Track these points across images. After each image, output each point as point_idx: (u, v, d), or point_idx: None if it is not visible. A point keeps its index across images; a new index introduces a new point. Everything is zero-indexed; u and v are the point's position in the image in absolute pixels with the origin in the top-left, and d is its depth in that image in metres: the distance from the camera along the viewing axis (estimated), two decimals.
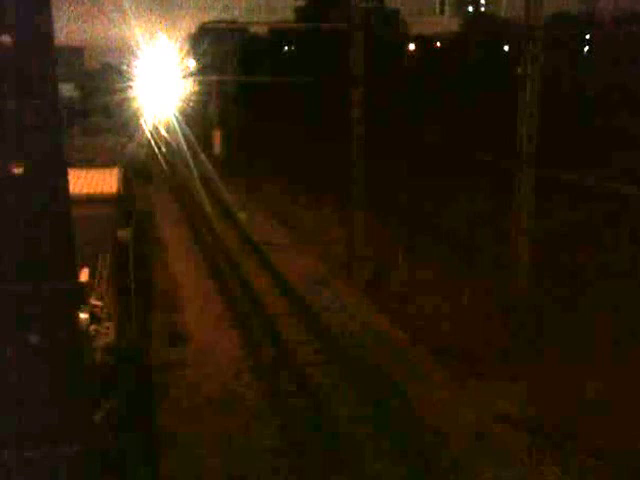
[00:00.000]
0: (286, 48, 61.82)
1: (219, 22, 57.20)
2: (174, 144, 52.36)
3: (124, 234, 20.47)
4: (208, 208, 31.98)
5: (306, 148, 35.32)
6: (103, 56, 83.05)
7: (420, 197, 25.10)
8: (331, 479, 10.75)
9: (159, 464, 11.12)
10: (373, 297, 18.89)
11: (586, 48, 53.20)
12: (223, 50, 50.72)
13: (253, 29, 62.45)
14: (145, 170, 40.78)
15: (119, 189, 19.68)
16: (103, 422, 9.46)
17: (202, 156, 43.06)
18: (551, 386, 13.08)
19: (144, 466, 10.85)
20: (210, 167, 39.84)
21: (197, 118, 48.80)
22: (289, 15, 67.07)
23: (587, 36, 53.27)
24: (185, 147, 49.43)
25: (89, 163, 21.47)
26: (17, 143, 3.56)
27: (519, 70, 15.22)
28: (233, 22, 55.80)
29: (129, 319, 15.52)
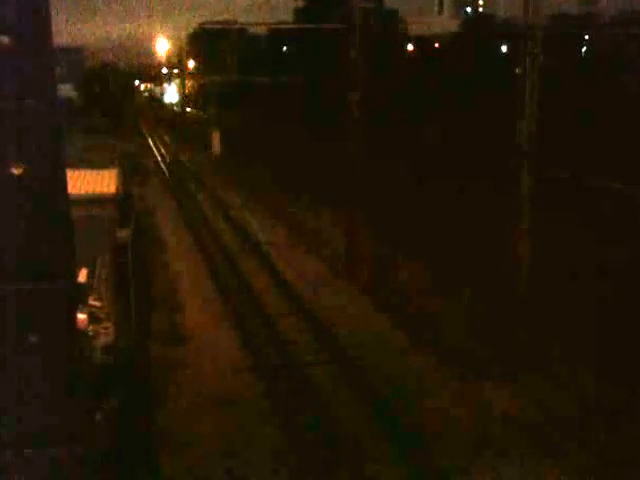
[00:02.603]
0: (285, 48, 61.80)
1: (218, 22, 57.16)
2: (173, 144, 52.38)
3: (123, 234, 20.48)
4: (206, 208, 31.98)
5: (306, 148, 35.30)
6: (102, 56, 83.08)
7: (419, 197, 25.08)
8: (330, 477, 10.76)
9: (159, 464, 11.11)
10: (372, 296, 18.88)
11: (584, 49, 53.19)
12: (222, 50, 50.72)
13: (252, 29, 62.41)
14: (143, 170, 40.80)
15: (118, 189, 19.69)
16: (103, 422, 9.47)
17: (201, 157, 43.09)
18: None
19: (144, 466, 10.85)
20: (208, 168, 39.86)
21: (197, 119, 48.80)
22: (288, 16, 67.10)
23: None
24: (184, 147, 49.49)
25: (89, 163, 21.49)
26: (17, 143, 3.57)
27: (518, 70, 15.22)
28: (232, 22, 55.74)
29: (128, 319, 15.52)
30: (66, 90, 62.54)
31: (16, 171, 3.51)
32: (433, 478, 10.71)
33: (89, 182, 18.94)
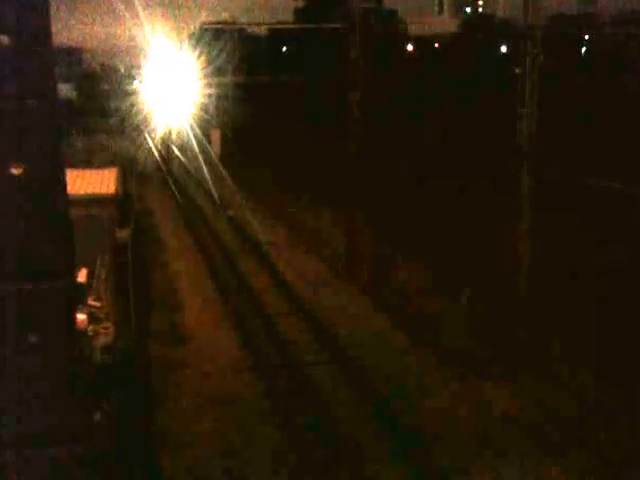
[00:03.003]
0: (285, 49, 61.82)
1: (218, 23, 57.11)
2: (170, 144, 52.38)
3: (123, 234, 20.49)
4: (206, 208, 31.99)
5: (307, 148, 35.31)
6: (102, 57, 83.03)
7: (419, 198, 25.09)
8: (330, 476, 10.77)
9: (159, 464, 11.10)
10: (372, 296, 18.88)
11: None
12: (222, 51, 50.70)
13: (252, 29, 62.40)
14: (141, 169, 40.82)
15: (117, 189, 19.71)
16: (103, 422, 9.48)
17: (200, 157, 43.04)
18: None
19: (143, 466, 10.84)
20: (208, 168, 39.77)
21: (196, 119, 48.79)
22: (288, 17, 67.13)
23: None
24: (183, 147, 49.49)
25: (88, 163, 21.51)
26: (17, 143, 3.57)
27: (517, 70, 15.21)
28: (232, 23, 55.74)
29: (128, 319, 15.52)
30: (66, 90, 62.45)
31: (16, 171, 3.52)
32: (433, 478, 10.70)
33: (89, 182, 18.96)
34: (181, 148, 50.19)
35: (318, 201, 28.20)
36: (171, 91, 46.01)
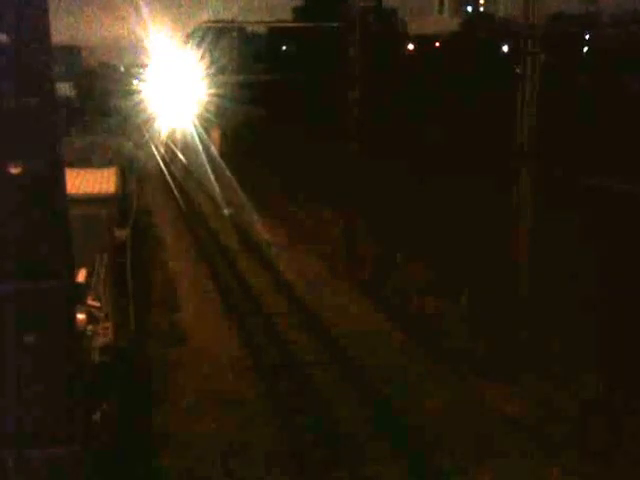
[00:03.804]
0: (284, 47, 61.82)
1: (217, 21, 57.05)
2: (170, 142, 52.41)
3: (122, 234, 20.44)
4: (205, 207, 31.98)
5: (307, 147, 35.25)
6: (101, 56, 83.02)
7: (420, 197, 25.07)
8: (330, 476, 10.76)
9: (159, 464, 11.09)
10: (372, 297, 18.86)
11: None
12: (222, 49, 50.69)
13: (252, 28, 62.40)
14: (141, 168, 40.84)
15: (117, 189, 19.65)
16: (102, 422, 9.46)
17: (200, 156, 43.13)
18: None
19: (143, 466, 10.83)
20: (208, 168, 39.86)
21: (196, 117, 48.78)
22: (288, 16, 67.07)
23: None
24: (182, 146, 49.56)
25: (87, 163, 21.47)
26: (16, 142, 3.55)
27: (517, 69, 15.18)
28: (232, 21, 55.68)
29: (127, 319, 15.50)
30: (65, 89, 62.43)
31: (15, 170, 3.50)
32: (433, 478, 10.69)
33: (88, 181, 18.88)
34: (180, 147, 50.24)
35: (318, 200, 28.15)
36: (171, 90, 45.95)
